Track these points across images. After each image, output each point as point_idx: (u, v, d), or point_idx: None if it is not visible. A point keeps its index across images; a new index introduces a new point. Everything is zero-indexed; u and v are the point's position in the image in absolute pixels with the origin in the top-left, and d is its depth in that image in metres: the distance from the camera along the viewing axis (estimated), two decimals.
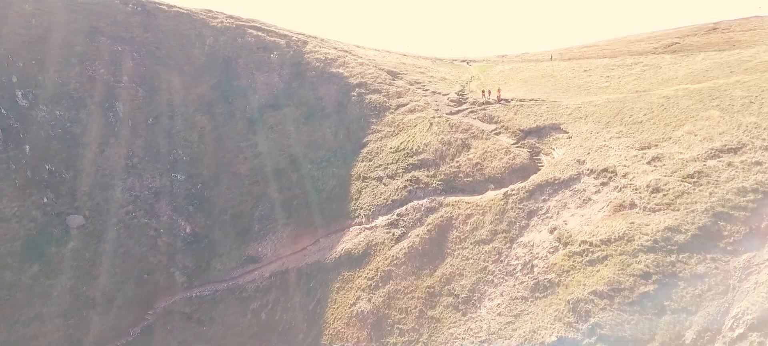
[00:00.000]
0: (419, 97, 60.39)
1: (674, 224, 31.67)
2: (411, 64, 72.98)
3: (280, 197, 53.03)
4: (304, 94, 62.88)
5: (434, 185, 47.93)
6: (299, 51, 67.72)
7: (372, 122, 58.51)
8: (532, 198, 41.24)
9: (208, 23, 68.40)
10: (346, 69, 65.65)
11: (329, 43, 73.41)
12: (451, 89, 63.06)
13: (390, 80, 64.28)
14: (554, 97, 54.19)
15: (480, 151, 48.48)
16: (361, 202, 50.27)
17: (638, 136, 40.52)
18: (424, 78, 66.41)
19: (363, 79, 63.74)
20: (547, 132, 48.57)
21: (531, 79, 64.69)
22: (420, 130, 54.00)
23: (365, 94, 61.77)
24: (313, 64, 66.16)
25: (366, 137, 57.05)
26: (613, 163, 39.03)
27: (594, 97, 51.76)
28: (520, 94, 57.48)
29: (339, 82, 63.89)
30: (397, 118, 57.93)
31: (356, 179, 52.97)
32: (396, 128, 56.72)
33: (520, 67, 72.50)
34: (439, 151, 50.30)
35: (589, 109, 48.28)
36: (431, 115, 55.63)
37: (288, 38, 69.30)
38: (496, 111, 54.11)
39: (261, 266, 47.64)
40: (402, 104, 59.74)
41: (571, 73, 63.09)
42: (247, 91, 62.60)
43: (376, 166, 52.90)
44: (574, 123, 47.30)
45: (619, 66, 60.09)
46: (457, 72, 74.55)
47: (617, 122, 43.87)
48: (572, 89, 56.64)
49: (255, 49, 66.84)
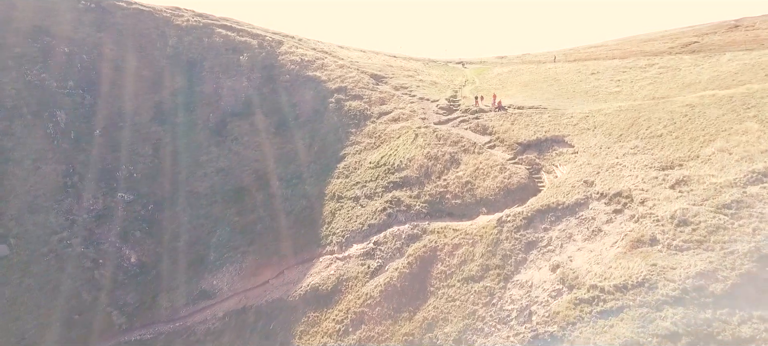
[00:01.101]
0: (405, 104, 54.40)
1: (708, 268, 25.53)
2: (399, 66, 67.07)
3: (242, 221, 47.01)
4: (275, 100, 56.97)
5: (417, 207, 41.90)
6: (272, 52, 61.86)
7: (351, 132, 52.56)
8: (531, 226, 35.19)
9: (172, 22, 62.65)
10: (324, 72, 59.74)
11: (308, 43, 67.55)
12: (442, 95, 57.06)
13: (373, 85, 58.33)
14: (557, 105, 48.12)
15: (471, 168, 42.43)
16: (334, 226, 44.25)
17: (658, 153, 34.38)
18: (411, 82, 60.45)
19: (343, 84, 57.83)
20: (548, 146, 42.50)
21: (532, 83, 58.63)
22: (403, 143, 47.99)
23: (344, 100, 55.84)
24: (288, 66, 60.28)
25: (343, 150, 51.08)
26: (628, 187, 32.90)
27: (603, 104, 45.67)
28: (519, 101, 51.43)
29: (316, 87, 57.97)
30: (378, 128, 51.95)
31: (330, 199, 46.98)
32: (377, 140, 50.72)
33: (519, 69, 66.46)
34: (424, 167, 44.27)
35: (598, 118, 42.19)
36: (417, 125, 49.64)
37: (261, 38, 63.46)
38: (490, 120, 48.07)
39: (215, 302, 41.59)
40: (385, 112, 53.77)
41: (577, 76, 57.01)
42: (212, 97, 56.73)
43: (353, 184, 46.91)
44: (581, 135, 41.22)
45: (632, 68, 53.98)
46: (450, 75, 68.54)
47: (632, 135, 37.74)
48: (578, 95, 50.56)
49: (223, 51, 61.02)
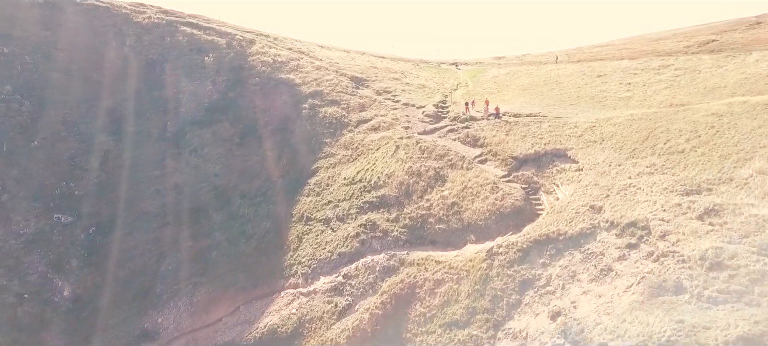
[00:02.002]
0: (386, 111, 48.88)
1: (753, 331, 19.96)
2: (384, 68, 61.58)
3: (196, 246, 41.51)
4: (242, 106, 51.49)
5: (395, 232, 36.36)
6: (242, 53, 56.41)
7: (325, 143, 47.05)
8: (527, 261, 29.70)
9: (131, 19, 57.28)
10: (298, 74, 54.28)
11: (284, 42, 62.11)
12: (429, 100, 51.54)
13: (353, 89, 52.84)
14: (559, 112, 42.57)
15: (458, 187, 36.88)
16: (301, 254, 38.73)
17: (681, 174, 28.79)
18: (396, 86, 54.95)
19: (318, 88, 52.33)
20: (548, 161, 36.93)
21: (531, 86, 53.09)
22: (383, 156, 42.46)
23: (320, 106, 50.35)
24: (258, 68, 54.82)
25: (316, 163, 45.57)
26: (644, 216, 27.33)
27: (612, 112, 40.12)
28: (516, 107, 45.88)
29: (288, 91, 52.50)
30: (356, 138, 46.43)
31: (298, 221, 41.45)
32: (354, 151, 45.21)
33: (518, 71, 60.93)
34: (404, 185, 38.73)
35: (607, 129, 36.63)
36: (399, 135, 44.11)
37: (230, 37, 58.03)
38: (482, 130, 42.51)
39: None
40: (364, 120, 48.25)
41: (581, 78, 51.46)
42: (171, 103, 51.30)
43: (325, 204, 41.39)
44: (586, 149, 35.65)
45: (644, 70, 48.43)
46: (441, 78, 63.04)
47: (647, 150, 32.15)
48: (583, 101, 45.00)
49: (187, 51, 55.61)
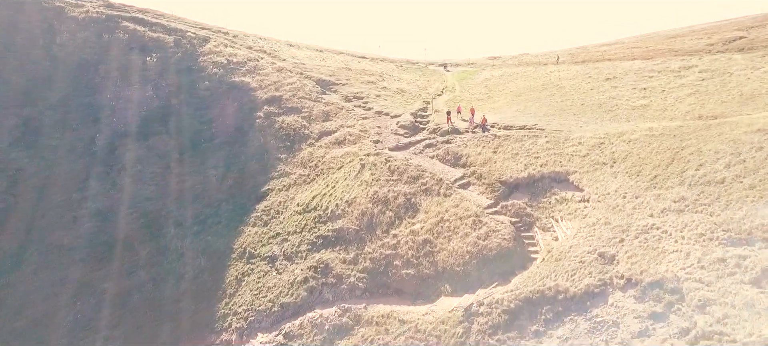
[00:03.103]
0: (355, 121, 41.79)
1: None
2: (359, 69, 54.49)
3: (114, 288, 34.41)
4: (186, 115, 44.42)
5: (352, 278, 29.26)
6: (192, 52, 49.39)
7: (280, 159, 39.99)
8: (515, 327, 22.71)
9: (66, 13, 50.31)
10: (255, 77, 47.23)
11: (244, 40, 55.07)
12: (407, 108, 44.44)
13: (317, 94, 45.78)
14: (560, 123, 35.48)
15: (433, 220, 29.75)
16: (238, 302, 31.65)
17: (722, 214, 21.63)
18: (370, 90, 47.87)
19: (277, 93, 45.28)
20: (545, 187, 29.80)
21: (527, 91, 45.99)
22: (344, 177, 35.37)
23: (277, 114, 43.29)
24: (209, 70, 47.77)
25: (267, 184, 38.52)
26: (674, 273, 20.20)
27: (626, 125, 33.00)
28: (508, 117, 38.79)
29: (242, 97, 45.46)
30: (316, 153, 39.34)
31: (239, 258, 34.39)
32: (312, 170, 38.14)
33: (513, 73, 53.83)
34: (367, 215, 31.61)
35: (619, 147, 29.48)
36: (366, 151, 37.02)
37: (180, 34, 51.02)
38: (465, 145, 35.40)
39: None
40: (327, 131, 41.17)
41: (587, 82, 44.35)
42: (103, 111, 44.24)
43: (272, 237, 34.31)
44: (593, 173, 28.51)
45: (661, 72, 41.29)
46: (426, 81, 55.96)
47: (674, 178, 24.99)
48: (589, 109, 37.90)
49: (127, 50, 48.58)
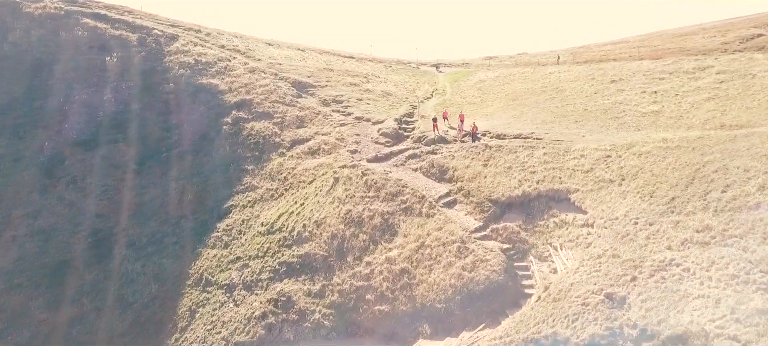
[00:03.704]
0: (332, 128, 37.83)
1: None
2: (342, 70, 50.51)
3: (52, 319, 30.46)
4: (147, 121, 40.51)
5: (317, 314, 25.34)
6: (157, 51, 45.47)
7: (247, 171, 36.04)
8: None
9: (21, 9, 46.52)
10: (225, 79, 43.30)
11: (218, 38, 51.14)
12: (392, 113, 40.48)
13: (293, 97, 41.83)
14: (560, 132, 31.50)
15: (412, 245, 25.78)
16: (188, 338, 27.76)
17: (761, 251, 17.63)
18: (351, 93, 43.90)
19: (248, 96, 41.33)
20: (542, 208, 25.82)
21: (524, 94, 42.02)
22: (315, 193, 31.40)
23: (246, 120, 39.35)
24: (175, 71, 43.84)
25: (231, 199, 34.58)
26: (701, 325, 16.22)
27: (635, 134, 29.00)
28: (501, 123, 34.81)
29: (209, 101, 41.54)
30: (287, 165, 35.37)
31: (195, 285, 30.48)
32: (281, 184, 34.18)
33: (510, 74, 49.86)
34: (337, 238, 27.65)
35: (629, 161, 25.48)
36: (341, 162, 33.04)
37: (146, 32, 47.11)
38: (452, 157, 31.41)
39: None
40: (301, 139, 37.21)
41: (590, 84, 40.38)
42: (55, 117, 40.33)
43: (232, 261, 30.38)
44: (598, 193, 24.51)
45: (673, 73, 37.30)
46: (415, 82, 52.00)
47: (696, 202, 20.98)
48: (592, 116, 33.90)
49: (86, 49, 44.70)
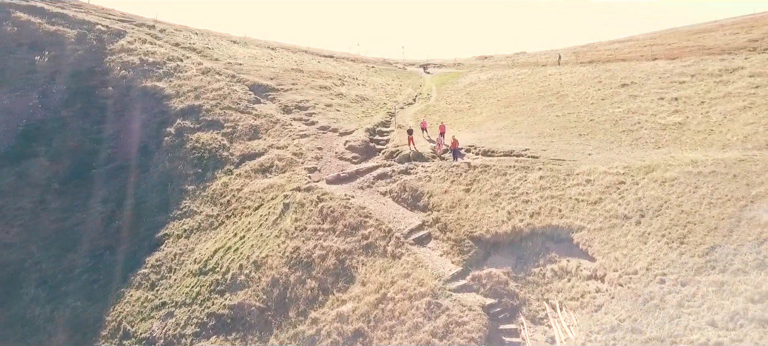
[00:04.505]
0: (290, 140, 32.17)
1: None
2: (313, 71, 44.85)
3: None
4: (78, 131, 34.86)
5: None
6: (98, 50, 39.88)
7: (187, 192, 30.39)
8: None
9: None
10: (173, 81, 37.69)
11: (173, 35, 45.53)
12: (365, 121, 34.87)
13: (249, 103, 36.21)
14: (561, 147, 25.84)
15: (371, 297, 20.12)
16: None
17: None
18: (320, 98, 38.27)
19: (197, 102, 35.71)
20: (538, 249, 20.13)
21: (519, 100, 36.40)
22: (259, 223, 25.73)
23: (192, 130, 33.71)
24: (117, 73, 38.22)
25: (166, 227, 28.95)
26: None
27: (654, 153, 23.33)
28: (490, 137, 29.17)
29: (152, 108, 35.94)
30: (233, 185, 29.71)
31: (110, 336, 25.05)
32: (223, 210, 28.51)
33: (504, 76, 44.26)
34: (279, 286, 22.01)
35: (649, 191, 19.79)
36: (296, 184, 27.38)
37: (87, 27, 41.52)
38: (429, 179, 25.76)
39: None
40: (252, 154, 31.54)
41: (596, 88, 34.77)
42: None
43: (156, 307, 24.76)
44: (610, 232, 18.81)
45: (695, 75, 31.65)
46: (397, 85, 46.38)
47: (748, 254, 15.33)
48: (600, 128, 28.24)
49: (14, 47, 39.08)
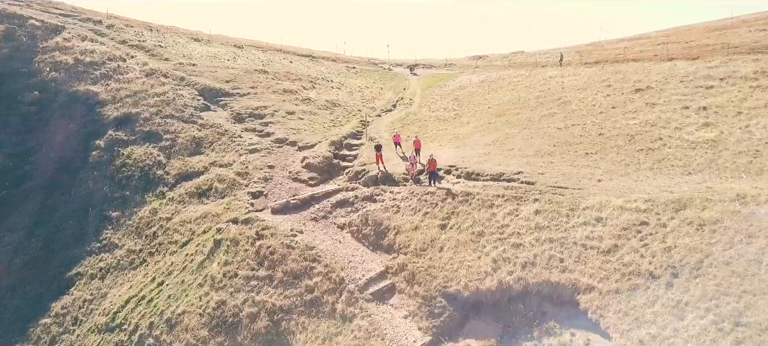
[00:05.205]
0: (235, 156, 27.01)
1: None
2: (281, 72, 39.68)
3: None
4: None
5: None
6: (29, 47, 34.84)
7: (109, 220, 25.27)
8: None
9: None
10: (110, 85, 32.59)
11: (121, 32, 40.41)
12: (331, 132, 29.72)
13: (196, 111, 31.09)
14: (562, 170, 20.62)
15: None
16: None
17: None
18: (281, 104, 33.10)
19: (135, 109, 30.58)
20: (531, 313, 14.90)
21: (513, 107, 31.20)
22: (183, 265, 20.55)
23: (125, 143, 28.60)
24: (46, 75, 33.14)
25: (80, 264, 23.80)
26: None
27: (685, 180, 18.05)
28: (476, 155, 23.99)
29: (82, 116, 30.85)
30: (162, 213, 24.57)
31: None
32: (148, 243, 23.37)
33: (498, 79, 39.07)
34: None
35: (683, 238, 14.54)
36: (232, 214, 22.20)
37: (18, 22, 36.49)
38: (397, 209, 20.56)
39: None
40: (190, 173, 26.39)
41: (605, 94, 29.54)
42: None
43: None
44: (632, 298, 13.54)
45: (726, 79, 26.39)
46: (379, 88, 41.22)
47: None
48: (611, 144, 22.97)
49: None
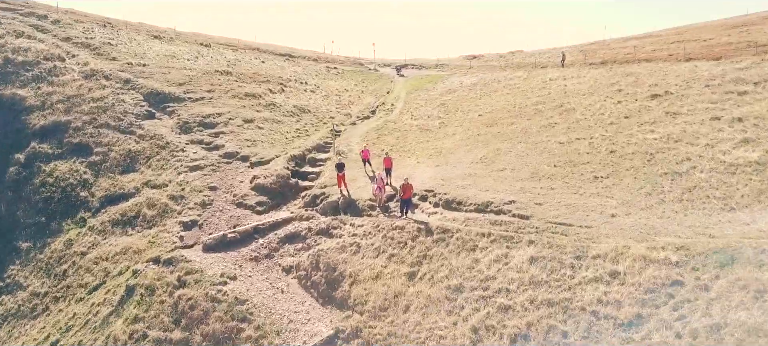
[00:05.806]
0: (174, 174, 22.75)
1: None
2: (247, 73, 35.39)
3: None
4: None
5: None
6: None
7: (18, 253, 21.06)
8: None
9: None
10: (41, 89, 28.41)
11: (67, 28, 36.21)
12: (293, 145, 25.46)
13: (137, 119, 26.86)
14: (564, 199, 16.30)
15: None
16: None
17: None
18: (238, 110, 28.81)
19: (66, 117, 26.40)
20: None
21: (507, 115, 26.87)
22: (85, 319, 16.28)
23: (48, 158, 24.44)
24: None
25: None
26: None
27: (724, 217, 13.71)
28: (459, 175, 19.73)
29: (6, 125, 26.66)
30: (78, 246, 20.31)
31: None
32: (56, 286, 19.15)
33: (493, 81, 34.78)
34: None
35: (735, 311, 10.22)
36: (154, 252, 17.88)
37: None
38: (357, 249, 16.27)
39: None
40: (118, 195, 22.14)
41: (615, 100, 25.21)
42: None
43: None
44: None
45: (761, 83, 22.06)
46: (359, 91, 36.97)
47: None
48: (626, 164, 18.60)
49: None
